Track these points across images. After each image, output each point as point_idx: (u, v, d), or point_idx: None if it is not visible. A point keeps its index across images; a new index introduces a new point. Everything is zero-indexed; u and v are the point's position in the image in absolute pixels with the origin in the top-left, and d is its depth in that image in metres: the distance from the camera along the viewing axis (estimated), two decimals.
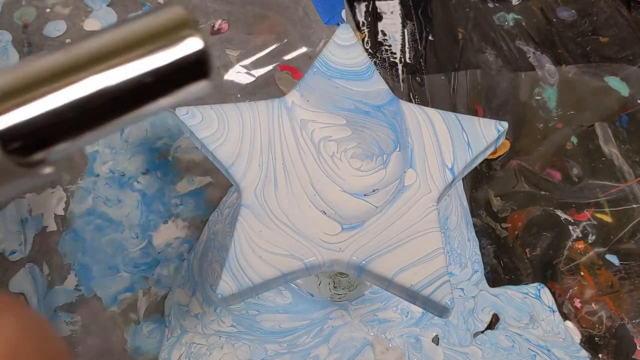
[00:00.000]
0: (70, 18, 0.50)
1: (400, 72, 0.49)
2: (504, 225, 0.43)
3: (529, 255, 0.42)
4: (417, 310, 0.39)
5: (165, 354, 0.38)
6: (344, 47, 0.35)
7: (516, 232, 0.42)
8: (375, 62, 0.50)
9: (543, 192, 0.44)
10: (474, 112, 0.47)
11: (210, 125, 0.32)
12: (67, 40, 0.49)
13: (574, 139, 0.46)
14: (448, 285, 0.28)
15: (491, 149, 0.33)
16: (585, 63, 0.49)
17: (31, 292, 0.40)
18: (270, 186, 0.30)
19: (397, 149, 0.32)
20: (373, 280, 0.29)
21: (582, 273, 0.41)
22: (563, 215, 0.43)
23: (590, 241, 0.42)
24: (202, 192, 0.44)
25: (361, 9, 0.52)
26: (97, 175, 0.44)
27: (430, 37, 0.51)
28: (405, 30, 0.51)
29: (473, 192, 0.44)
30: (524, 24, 0.51)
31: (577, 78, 0.49)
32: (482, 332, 0.39)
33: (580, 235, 0.42)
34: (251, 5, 0.51)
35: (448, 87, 0.48)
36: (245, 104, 0.33)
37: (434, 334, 0.38)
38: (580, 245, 0.42)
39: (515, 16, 0.52)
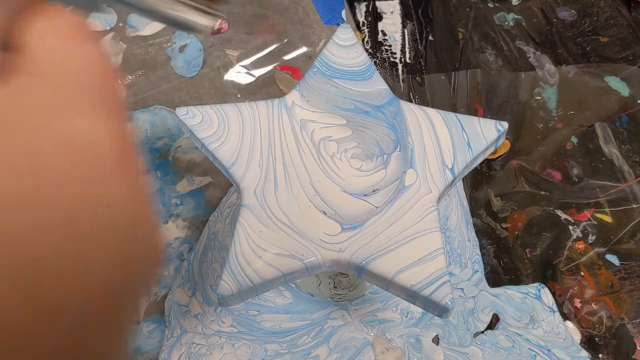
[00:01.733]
0: None
1: (400, 72, 0.49)
2: (504, 225, 0.43)
3: (529, 255, 0.42)
4: (417, 310, 0.39)
5: (165, 354, 0.38)
6: (344, 47, 0.35)
7: (516, 232, 0.42)
8: (375, 62, 0.50)
9: (543, 192, 0.44)
10: (474, 112, 0.47)
11: (210, 125, 0.32)
12: None
13: (574, 139, 0.46)
14: (448, 285, 0.28)
15: (491, 149, 0.33)
16: (585, 63, 0.49)
17: None
18: (270, 186, 0.30)
19: (397, 149, 0.32)
20: (373, 280, 0.29)
21: (582, 273, 0.41)
22: (563, 215, 0.43)
23: (590, 241, 0.42)
24: (202, 192, 0.44)
25: (361, 9, 0.52)
26: None
27: (430, 37, 0.51)
28: (405, 30, 0.51)
29: (473, 192, 0.44)
30: (524, 24, 0.51)
31: (577, 78, 0.49)
32: (482, 332, 0.39)
33: (580, 235, 0.42)
34: (251, 5, 0.51)
35: (448, 87, 0.48)
36: (245, 104, 0.33)
37: (434, 334, 0.38)
38: (580, 245, 0.42)
39: (515, 16, 0.52)
